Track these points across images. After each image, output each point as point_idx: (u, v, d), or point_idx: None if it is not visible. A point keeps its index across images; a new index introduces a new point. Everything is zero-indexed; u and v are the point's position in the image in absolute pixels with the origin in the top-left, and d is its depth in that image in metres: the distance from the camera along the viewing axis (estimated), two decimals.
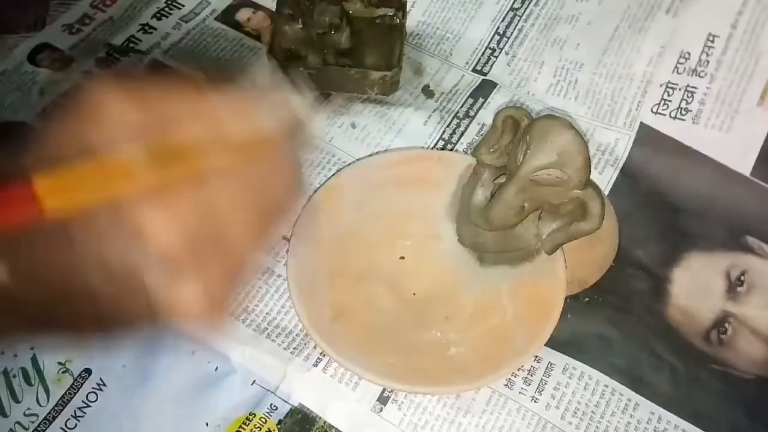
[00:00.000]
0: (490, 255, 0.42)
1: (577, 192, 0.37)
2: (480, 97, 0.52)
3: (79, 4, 0.55)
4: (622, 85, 0.51)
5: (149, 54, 0.52)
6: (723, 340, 0.42)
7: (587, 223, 0.38)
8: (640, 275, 0.44)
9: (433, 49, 0.54)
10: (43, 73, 0.51)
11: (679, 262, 0.44)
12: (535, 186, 0.37)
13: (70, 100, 0.23)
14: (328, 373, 0.40)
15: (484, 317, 0.40)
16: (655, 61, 0.50)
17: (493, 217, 0.39)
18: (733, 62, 0.49)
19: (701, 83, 0.49)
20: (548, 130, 0.37)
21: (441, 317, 0.41)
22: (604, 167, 0.48)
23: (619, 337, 0.42)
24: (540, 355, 0.41)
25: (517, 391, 0.40)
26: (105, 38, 0.53)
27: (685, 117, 0.48)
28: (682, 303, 0.43)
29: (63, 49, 0.53)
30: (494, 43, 0.54)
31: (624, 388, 0.40)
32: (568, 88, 0.52)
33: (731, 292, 0.43)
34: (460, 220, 0.43)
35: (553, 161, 0.36)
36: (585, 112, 0.50)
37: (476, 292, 0.41)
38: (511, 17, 0.55)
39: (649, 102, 0.50)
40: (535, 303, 0.39)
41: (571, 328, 0.41)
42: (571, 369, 0.40)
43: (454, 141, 0.49)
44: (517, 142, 0.39)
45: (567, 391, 0.40)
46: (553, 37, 0.54)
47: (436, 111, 0.51)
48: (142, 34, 0.54)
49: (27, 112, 0.49)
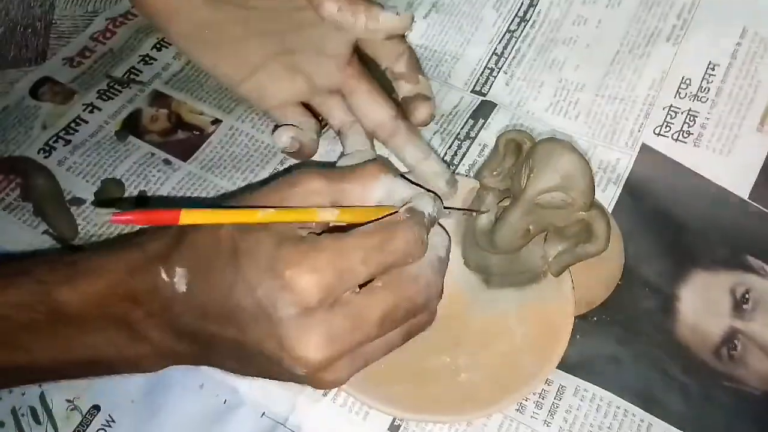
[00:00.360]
0: (497, 277, 0.42)
1: (582, 214, 0.37)
2: (480, 117, 0.52)
3: (79, 37, 0.56)
4: (624, 107, 0.51)
5: (150, 84, 0.53)
6: (734, 357, 0.42)
7: (593, 245, 0.38)
8: (647, 293, 0.44)
9: (431, 72, 0.54)
10: (45, 107, 0.51)
11: (686, 279, 0.44)
12: (540, 209, 0.37)
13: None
14: (338, 403, 0.39)
15: (494, 341, 0.40)
16: (657, 85, 0.51)
17: (498, 240, 0.39)
18: (733, 90, 0.49)
19: (703, 108, 0.49)
20: (551, 153, 0.37)
21: (450, 342, 0.40)
22: (607, 185, 0.48)
23: (629, 356, 0.41)
24: (551, 378, 0.40)
25: (529, 415, 0.39)
26: (106, 70, 0.54)
27: (687, 140, 0.48)
28: (690, 320, 0.43)
29: (64, 82, 0.53)
30: (492, 63, 0.55)
31: (636, 409, 0.40)
32: (568, 108, 0.52)
33: (737, 309, 0.43)
34: (465, 243, 0.42)
35: (557, 184, 0.36)
36: (585, 131, 0.50)
37: (484, 316, 0.41)
38: (508, 38, 0.56)
39: (651, 124, 0.50)
40: (545, 325, 0.39)
41: (580, 349, 0.41)
42: (582, 391, 0.40)
43: (455, 163, 0.49)
44: (520, 165, 0.39)
45: (579, 413, 0.39)
46: (551, 59, 0.54)
47: (436, 133, 0.51)
48: (143, 65, 0.54)
49: (30, 146, 0.49)
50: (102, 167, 0.48)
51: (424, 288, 0.32)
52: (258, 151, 0.49)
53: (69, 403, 0.40)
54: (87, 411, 0.39)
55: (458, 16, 0.57)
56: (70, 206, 0.46)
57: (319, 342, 0.29)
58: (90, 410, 0.39)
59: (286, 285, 0.29)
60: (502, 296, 0.41)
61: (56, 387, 0.40)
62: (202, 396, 0.40)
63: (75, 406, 0.40)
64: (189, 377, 0.40)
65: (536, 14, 0.56)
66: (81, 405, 0.40)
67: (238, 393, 0.40)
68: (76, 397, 0.40)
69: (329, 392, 0.40)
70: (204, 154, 0.49)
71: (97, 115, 0.51)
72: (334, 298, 0.30)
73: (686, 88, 0.50)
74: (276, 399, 0.39)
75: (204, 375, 0.40)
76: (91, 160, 0.49)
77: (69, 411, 0.39)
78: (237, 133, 0.50)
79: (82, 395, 0.40)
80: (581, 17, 0.55)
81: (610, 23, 0.54)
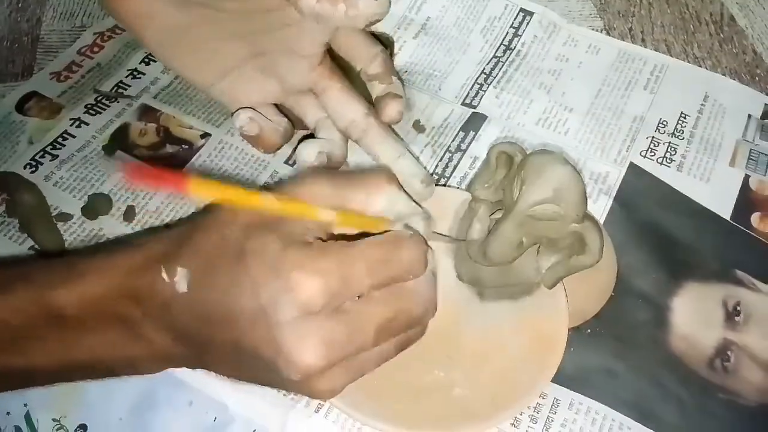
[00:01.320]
0: (490, 290, 0.41)
1: (574, 226, 0.37)
2: (471, 130, 0.52)
3: (67, 51, 0.55)
4: (612, 131, 0.53)
5: (138, 99, 0.52)
6: (727, 368, 0.42)
7: (587, 256, 0.38)
8: (640, 305, 0.44)
9: (421, 85, 0.54)
10: (32, 122, 0.51)
11: (678, 291, 0.44)
12: (533, 221, 0.37)
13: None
14: (330, 419, 0.39)
15: (488, 355, 0.40)
16: (638, 120, 0.53)
17: (491, 253, 0.38)
18: (703, 136, 0.53)
19: (681, 143, 0.52)
20: (543, 165, 0.37)
21: (444, 356, 0.40)
22: (598, 196, 0.48)
23: (623, 368, 0.41)
24: (545, 391, 0.40)
25: (524, 429, 0.39)
26: (93, 84, 0.53)
27: (671, 165, 0.51)
28: (684, 332, 0.43)
29: (51, 97, 0.52)
30: (482, 80, 0.55)
31: (632, 422, 0.39)
32: (558, 124, 0.53)
33: (730, 321, 0.43)
34: (458, 255, 0.42)
35: (549, 197, 0.36)
36: (576, 145, 0.51)
37: (478, 329, 0.41)
38: (495, 62, 0.56)
39: (638, 147, 0.52)
40: (539, 338, 0.39)
41: (574, 362, 0.41)
42: (577, 404, 0.40)
43: (447, 175, 0.49)
44: (511, 177, 0.39)
45: (574, 427, 0.39)
46: (539, 82, 0.55)
47: (428, 146, 0.51)
48: (131, 79, 0.53)
49: (16, 161, 0.49)
50: (89, 182, 0.48)
51: (421, 301, 0.32)
52: (248, 165, 0.49)
53: (55, 422, 0.39)
54: (74, 430, 0.38)
55: (446, 40, 0.58)
56: (57, 222, 0.46)
57: (315, 347, 0.29)
58: (76, 429, 0.38)
59: (291, 286, 0.29)
60: (496, 309, 0.41)
61: (42, 405, 0.39)
62: (191, 413, 0.39)
63: (61, 425, 0.39)
64: (178, 394, 0.39)
65: (521, 44, 0.57)
66: (67, 424, 0.39)
67: (228, 410, 0.39)
68: (63, 416, 0.39)
69: (321, 408, 0.39)
70: (193, 168, 0.49)
71: (84, 129, 0.51)
72: (336, 304, 0.30)
73: (664, 127, 0.53)
74: (267, 415, 0.39)
75: (193, 392, 0.39)
76: (79, 175, 0.48)
77: (55, 430, 0.38)
78: (226, 147, 0.50)
79: (68, 413, 0.39)
80: (562, 56, 0.57)
81: (591, 66, 0.56)
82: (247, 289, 0.29)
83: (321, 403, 0.39)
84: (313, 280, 0.29)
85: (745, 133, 0.53)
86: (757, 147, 0.52)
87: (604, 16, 0.61)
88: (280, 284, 0.29)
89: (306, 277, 0.29)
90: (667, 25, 0.61)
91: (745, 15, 0.62)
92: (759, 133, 0.53)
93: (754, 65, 0.58)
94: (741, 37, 0.60)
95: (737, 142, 0.52)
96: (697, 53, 0.59)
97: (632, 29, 0.60)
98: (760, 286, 0.45)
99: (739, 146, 0.52)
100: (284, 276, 0.29)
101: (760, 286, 0.45)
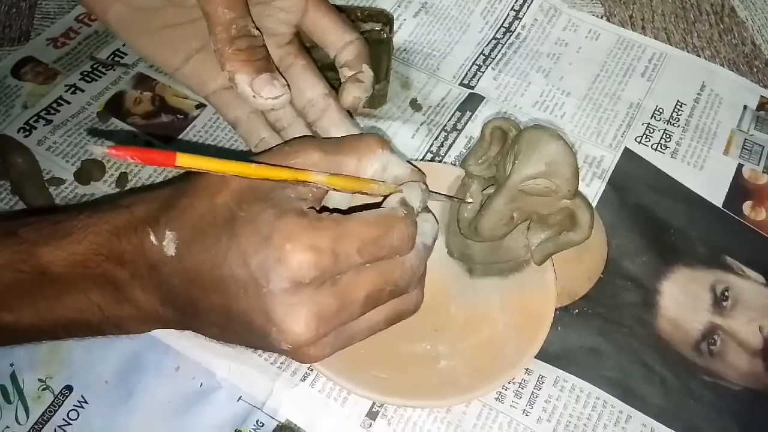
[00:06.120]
0: (480, 266, 0.41)
1: (566, 202, 0.37)
2: (467, 110, 0.52)
3: (64, 18, 0.55)
4: (608, 116, 0.53)
5: (135, 67, 0.52)
6: (713, 352, 0.42)
7: (576, 233, 0.38)
8: (629, 286, 0.44)
9: (420, 64, 0.54)
10: (27, 87, 0.51)
11: (668, 274, 0.44)
12: (524, 196, 0.37)
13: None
14: (316, 388, 0.39)
15: (475, 329, 0.40)
16: (635, 107, 0.53)
17: (482, 228, 0.38)
18: (698, 125, 0.53)
19: (676, 131, 0.52)
20: (536, 140, 0.37)
21: (430, 329, 0.40)
22: (592, 179, 0.48)
23: (609, 348, 0.41)
24: (531, 368, 0.40)
25: (508, 404, 0.39)
26: (90, 52, 0.53)
27: (665, 151, 0.51)
28: (671, 315, 0.43)
29: (47, 62, 0.52)
30: (480, 61, 0.55)
31: (616, 401, 0.40)
32: (555, 107, 0.53)
33: (717, 306, 0.43)
34: (449, 231, 0.42)
35: (542, 171, 0.36)
36: (571, 129, 0.51)
37: (466, 304, 0.41)
38: (494, 44, 0.56)
39: (633, 133, 0.52)
40: (526, 314, 0.39)
41: (561, 340, 0.41)
42: (562, 381, 0.40)
43: (442, 154, 0.49)
44: (505, 152, 0.39)
45: (558, 404, 0.39)
46: (537, 65, 0.55)
47: (423, 124, 0.51)
48: (128, 48, 0.53)
49: (10, 125, 0.48)
50: (83, 148, 0.48)
51: (408, 272, 0.33)
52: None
53: (41, 382, 0.39)
54: (59, 391, 0.38)
55: (446, 20, 0.58)
56: (49, 186, 0.46)
57: (307, 319, 0.29)
58: (62, 390, 0.39)
59: (283, 258, 0.29)
60: (485, 285, 0.41)
61: (28, 366, 0.39)
62: (177, 378, 0.39)
63: (47, 386, 0.39)
64: (165, 359, 0.39)
65: (521, 27, 0.57)
66: (53, 385, 0.39)
67: (215, 377, 0.39)
68: (48, 377, 0.39)
69: (308, 377, 0.39)
70: (187, 138, 0.49)
71: (79, 96, 0.50)
72: (326, 278, 0.30)
73: (660, 114, 0.53)
74: (253, 383, 0.39)
75: (180, 357, 0.39)
76: (72, 140, 0.48)
77: (40, 391, 0.38)
78: (221, 118, 0.50)
79: (54, 374, 0.39)
80: (562, 40, 0.57)
81: (589, 52, 0.56)
82: (238, 257, 0.29)
83: (307, 371, 0.39)
84: (305, 255, 0.29)
85: (740, 124, 0.53)
86: (752, 137, 0.52)
87: (604, 3, 0.61)
88: (272, 254, 0.29)
89: (299, 250, 0.29)
90: (667, 13, 0.61)
91: (746, 6, 0.62)
92: (754, 123, 0.53)
93: (753, 57, 0.58)
94: (741, 28, 0.60)
95: (732, 132, 0.52)
96: (697, 43, 0.59)
97: (633, 16, 0.60)
98: (748, 273, 0.45)
99: (733, 136, 0.52)
100: (277, 247, 0.29)
101: (749, 272, 0.45)
